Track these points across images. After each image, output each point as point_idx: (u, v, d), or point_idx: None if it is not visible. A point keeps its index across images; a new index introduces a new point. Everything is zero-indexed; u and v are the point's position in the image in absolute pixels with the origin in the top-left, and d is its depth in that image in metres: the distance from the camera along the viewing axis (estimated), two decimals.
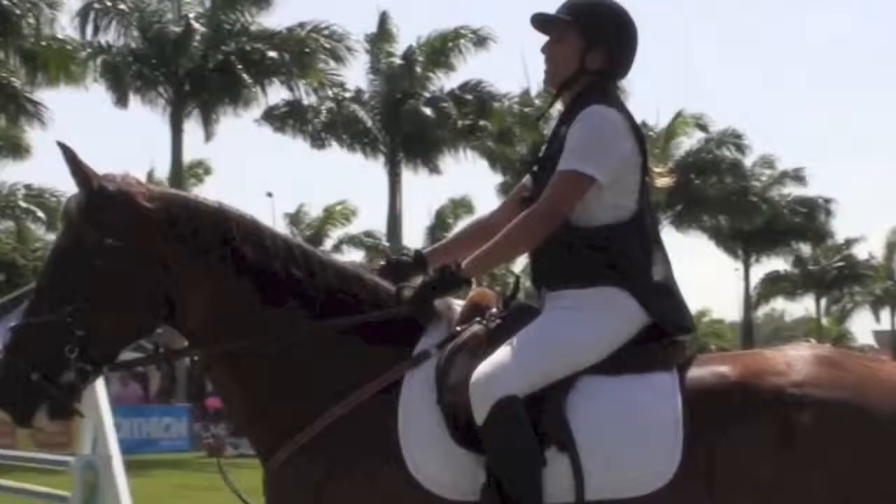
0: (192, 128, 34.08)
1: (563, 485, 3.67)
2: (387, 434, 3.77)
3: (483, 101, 38.10)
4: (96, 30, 32.46)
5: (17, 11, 28.95)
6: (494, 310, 3.97)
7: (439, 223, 51.13)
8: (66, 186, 4.08)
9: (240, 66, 32.93)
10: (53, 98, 53.33)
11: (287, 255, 3.94)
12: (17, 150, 35.65)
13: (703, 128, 45.97)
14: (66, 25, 31.39)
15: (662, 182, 4.13)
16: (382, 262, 4.30)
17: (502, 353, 3.77)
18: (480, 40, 37.49)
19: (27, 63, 29.91)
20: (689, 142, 46.13)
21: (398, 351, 3.89)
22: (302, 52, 33.27)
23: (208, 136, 34.17)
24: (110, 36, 32.86)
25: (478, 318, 3.94)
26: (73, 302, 3.77)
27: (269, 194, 49.93)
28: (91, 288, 3.79)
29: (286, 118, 36.87)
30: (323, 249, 4.00)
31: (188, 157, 38.47)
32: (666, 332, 3.88)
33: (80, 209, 3.89)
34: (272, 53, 33.10)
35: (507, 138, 39.56)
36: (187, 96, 33.28)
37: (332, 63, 34.34)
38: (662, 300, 3.89)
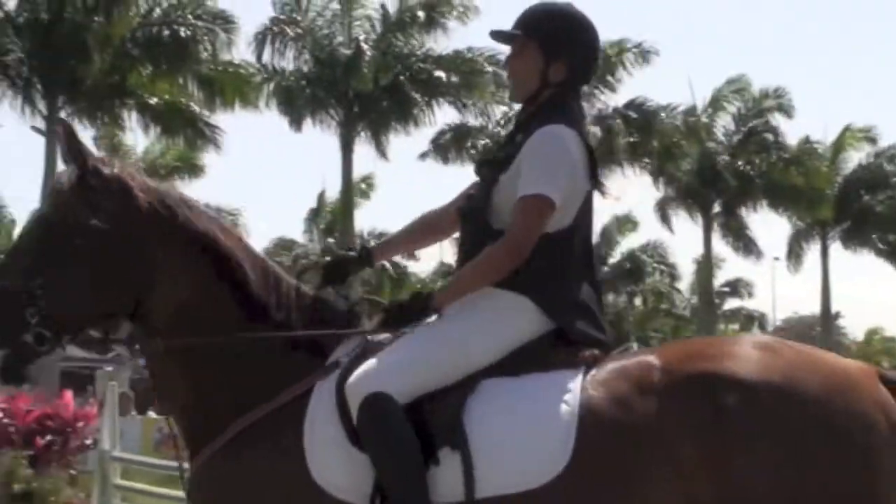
0: (363, 147, 34.83)
1: (455, 484, 3.69)
2: (294, 439, 3.82)
3: (648, 120, 37.91)
4: (273, 54, 33.35)
5: (195, 38, 30.00)
6: None
7: (605, 241, 51.17)
8: (240, 203, 4.27)
9: (409, 87, 33.57)
10: (229, 121, 54.84)
11: (261, 272, 4.06)
12: (193, 169, 36.93)
13: (872, 141, 44.95)
14: (242, 50, 32.36)
15: (610, 197, 4.23)
16: (328, 258, 4.40)
17: (382, 354, 3.85)
18: (643, 55, 37.34)
19: (204, 88, 30.90)
20: (857, 156, 45.13)
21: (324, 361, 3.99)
22: (470, 71, 33.69)
23: (380, 155, 34.85)
24: (284, 60, 33.75)
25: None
26: (44, 274, 3.85)
27: None
28: (66, 263, 3.87)
29: (450, 146, 37.24)
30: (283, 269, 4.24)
31: (359, 175, 39.39)
32: (572, 340, 3.89)
33: (71, 185, 3.95)
34: (439, 73, 33.64)
35: (671, 154, 39.37)
36: (357, 117, 34.03)
37: (494, 88, 34.69)
38: (570, 313, 3.91)
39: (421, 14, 33.93)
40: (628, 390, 3.71)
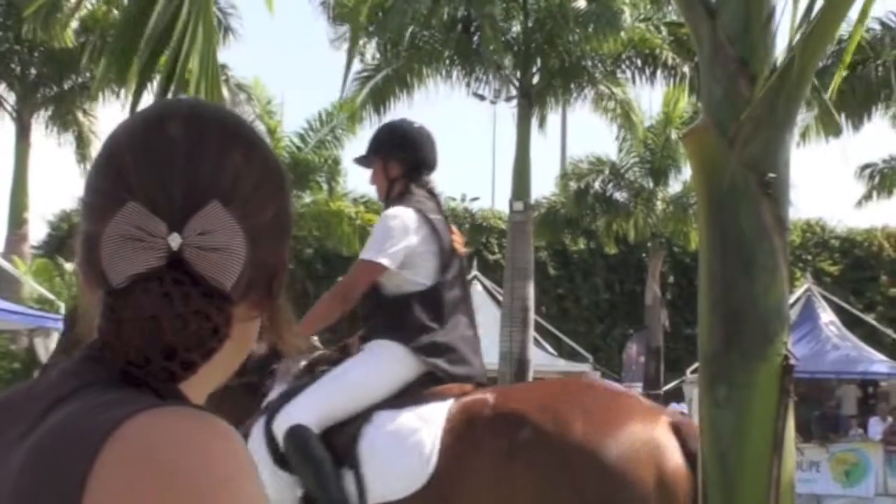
0: None
1: (353, 493, 4.86)
2: None
3: None
4: None
5: None
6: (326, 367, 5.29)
7: None
8: None
9: None
10: None
11: None
12: None
13: None
14: None
15: (462, 250, 5.37)
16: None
17: (299, 396, 5.07)
18: None
19: None
20: None
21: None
22: None
23: None
24: None
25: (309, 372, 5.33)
26: None
27: None
28: None
29: None
30: None
31: None
32: (441, 378, 5.00)
33: None
34: None
35: None
36: None
37: None
38: (438, 355, 5.07)
39: None
40: (469, 422, 4.76)
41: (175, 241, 1.21)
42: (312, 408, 5.03)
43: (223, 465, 1.14)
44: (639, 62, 26.65)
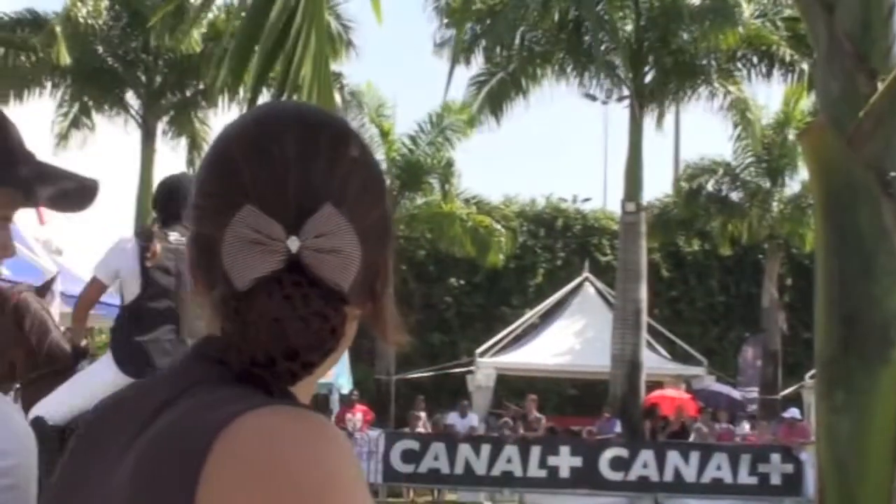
0: None
1: None
2: None
3: None
4: None
5: None
6: None
7: None
8: None
9: None
10: None
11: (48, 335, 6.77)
12: None
13: None
14: None
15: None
16: None
17: (56, 391, 6.21)
18: None
19: None
20: None
21: None
22: None
23: None
24: None
25: None
26: None
27: None
28: None
29: None
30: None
31: None
32: None
33: None
34: None
35: None
36: None
37: None
38: (133, 363, 6.02)
39: None
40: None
41: (294, 243, 1.22)
42: (55, 403, 6.16)
43: (335, 467, 1.16)
44: (755, 59, 26.30)
